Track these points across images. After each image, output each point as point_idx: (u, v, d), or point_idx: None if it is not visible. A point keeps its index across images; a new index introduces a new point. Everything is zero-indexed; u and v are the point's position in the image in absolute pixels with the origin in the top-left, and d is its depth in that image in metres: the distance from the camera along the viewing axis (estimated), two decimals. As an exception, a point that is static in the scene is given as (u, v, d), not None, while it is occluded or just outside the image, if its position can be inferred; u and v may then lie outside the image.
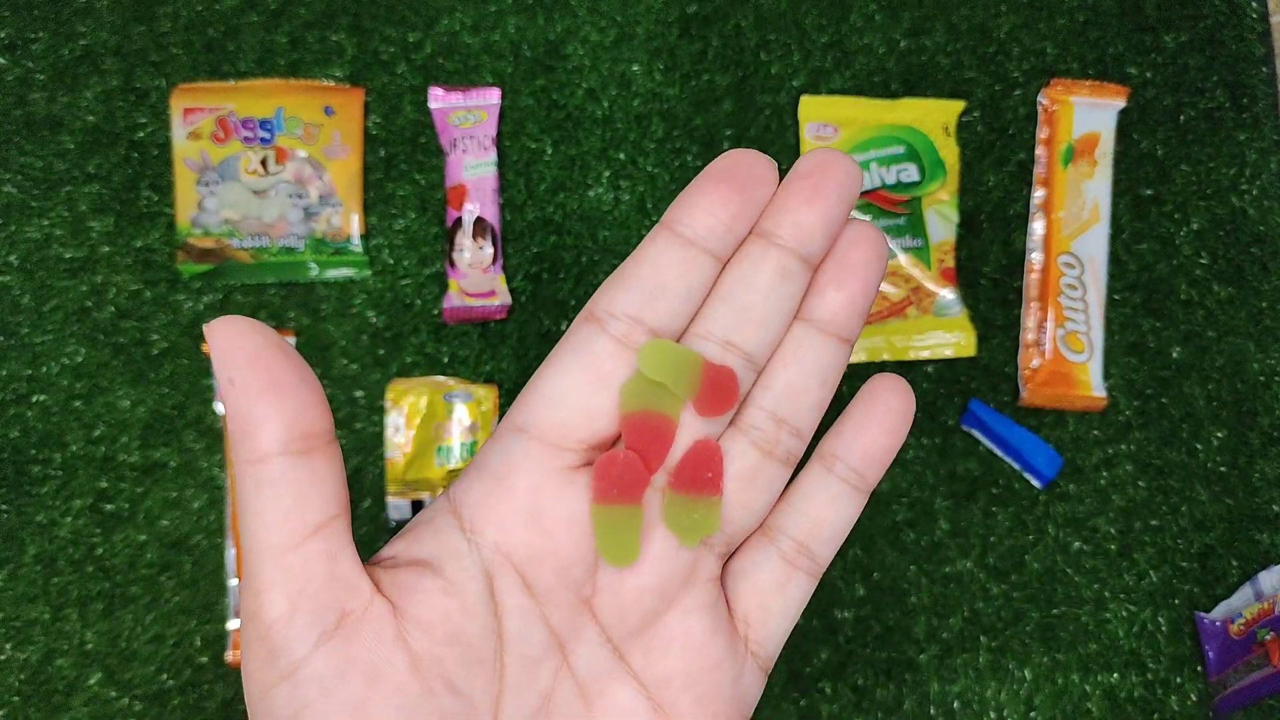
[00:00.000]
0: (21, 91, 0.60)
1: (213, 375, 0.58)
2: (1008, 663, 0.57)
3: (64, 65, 0.60)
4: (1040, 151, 0.62)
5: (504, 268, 0.59)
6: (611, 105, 0.61)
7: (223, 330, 0.20)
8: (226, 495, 0.57)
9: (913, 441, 0.59)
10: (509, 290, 0.59)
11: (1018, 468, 0.59)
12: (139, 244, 0.59)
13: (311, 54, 0.61)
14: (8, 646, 0.55)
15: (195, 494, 0.57)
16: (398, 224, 0.60)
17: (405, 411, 0.58)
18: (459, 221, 0.59)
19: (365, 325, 0.59)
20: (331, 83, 0.61)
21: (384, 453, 0.58)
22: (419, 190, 0.60)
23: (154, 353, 0.58)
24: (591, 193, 0.61)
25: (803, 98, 0.61)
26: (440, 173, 0.61)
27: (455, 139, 0.60)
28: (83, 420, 0.57)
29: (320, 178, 0.60)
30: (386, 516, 0.57)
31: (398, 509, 0.57)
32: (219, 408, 0.58)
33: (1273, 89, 0.63)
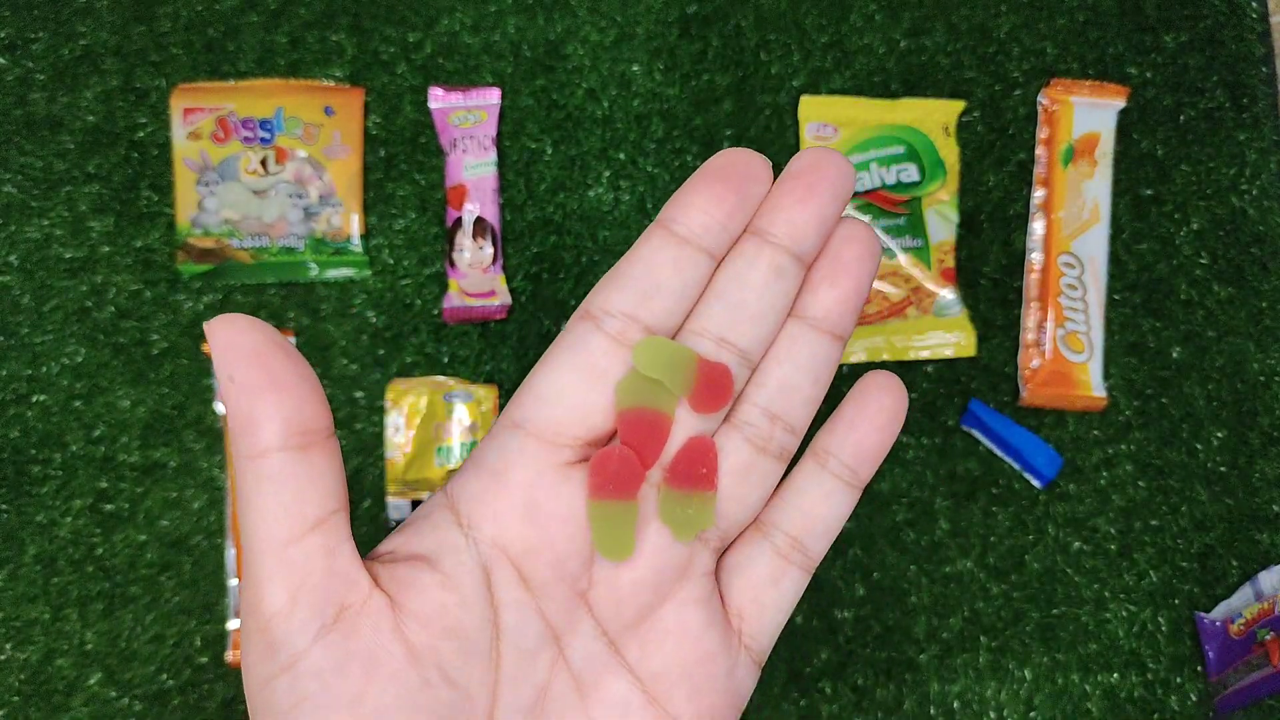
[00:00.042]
0: (21, 91, 0.60)
1: (213, 375, 0.58)
2: (1008, 663, 0.57)
3: (64, 65, 0.60)
4: (1040, 151, 0.62)
5: (504, 268, 0.59)
6: (611, 105, 0.61)
7: (222, 328, 0.20)
8: (226, 495, 0.57)
9: (913, 441, 0.59)
10: (509, 290, 0.59)
11: (1018, 468, 0.59)
12: (139, 244, 0.59)
13: (311, 54, 0.61)
14: (8, 646, 0.55)
15: (195, 494, 0.57)
16: (398, 224, 0.60)
17: (405, 411, 0.58)
18: (459, 221, 0.59)
19: (365, 325, 0.59)
20: (331, 83, 0.61)
21: (384, 453, 0.58)
22: (419, 190, 0.60)
23: (154, 353, 0.58)
24: (591, 193, 0.61)
25: (803, 98, 0.61)
26: (440, 173, 0.61)
27: (455, 139, 0.60)
28: (83, 420, 0.57)
29: (320, 178, 0.60)
30: (387, 517, 0.57)
31: (398, 509, 0.57)
32: (219, 408, 0.58)
33: (1273, 89, 0.63)
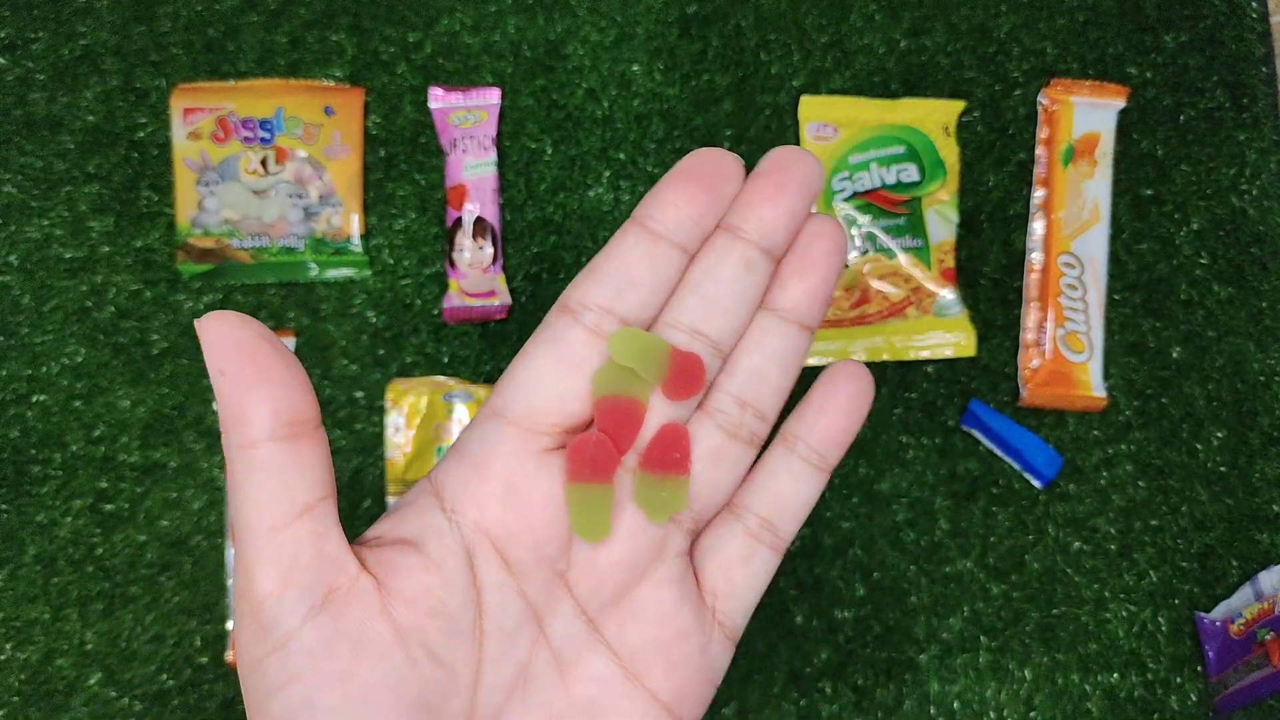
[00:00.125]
0: (21, 91, 0.60)
1: (214, 393, 0.58)
2: (1008, 663, 0.57)
3: (64, 65, 0.60)
4: (1040, 151, 0.62)
5: (504, 268, 0.59)
6: (611, 105, 0.61)
7: (212, 324, 0.21)
8: (226, 496, 0.57)
9: (913, 441, 0.59)
10: (509, 290, 0.59)
11: (1018, 468, 0.59)
12: (139, 244, 0.59)
13: (311, 54, 0.61)
14: (8, 646, 0.55)
15: (195, 494, 0.57)
16: (398, 224, 0.60)
17: (405, 411, 0.58)
18: (459, 221, 0.59)
19: (365, 325, 0.59)
20: (331, 83, 0.61)
21: (384, 453, 0.58)
22: (419, 190, 0.60)
23: (154, 353, 0.58)
24: (591, 193, 0.61)
25: (803, 98, 0.61)
26: (440, 173, 0.61)
27: (455, 139, 0.60)
28: (83, 420, 0.57)
29: (320, 178, 0.60)
30: (386, 516, 0.57)
31: (398, 509, 0.57)
32: (219, 408, 0.58)
33: (1273, 89, 0.63)
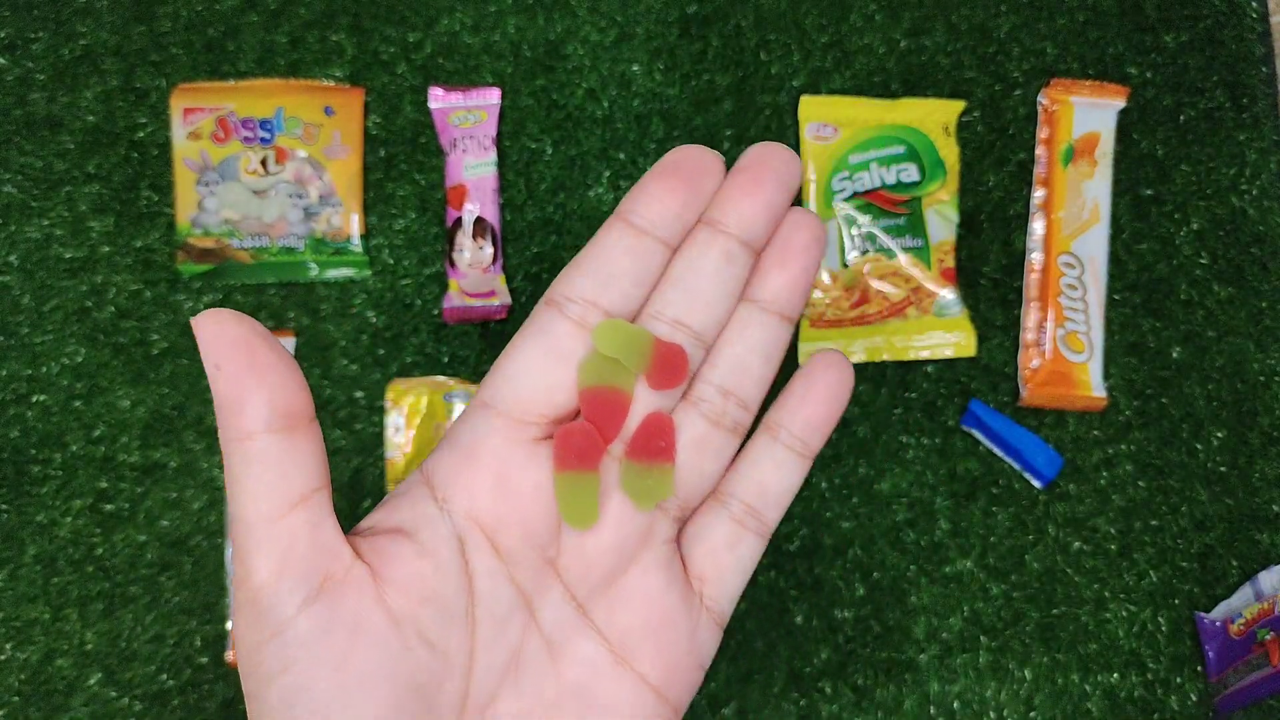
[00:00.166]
0: (21, 91, 0.60)
1: (210, 386, 0.58)
2: (1008, 663, 0.57)
3: (64, 65, 0.60)
4: (1040, 151, 0.62)
5: (504, 268, 0.59)
6: (611, 105, 0.61)
7: (208, 321, 0.22)
8: (226, 495, 0.57)
9: (913, 441, 0.59)
10: (509, 290, 0.59)
11: (1018, 468, 0.59)
12: (139, 244, 0.59)
13: (311, 54, 0.61)
14: (8, 646, 0.55)
15: (195, 494, 0.57)
16: (398, 224, 0.60)
17: (405, 411, 0.58)
18: (459, 221, 0.59)
19: (365, 325, 0.59)
20: (331, 83, 0.61)
21: (384, 453, 0.58)
22: (419, 190, 0.60)
23: (154, 353, 0.58)
24: (591, 193, 0.61)
25: (803, 98, 0.61)
26: (440, 173, 0.61)
27: (455, 139, 0.60)
28: (83, 420, 0.57)
29: (320, 178, 0.60)
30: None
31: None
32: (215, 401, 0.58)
33: (1273, 89, 0.63)
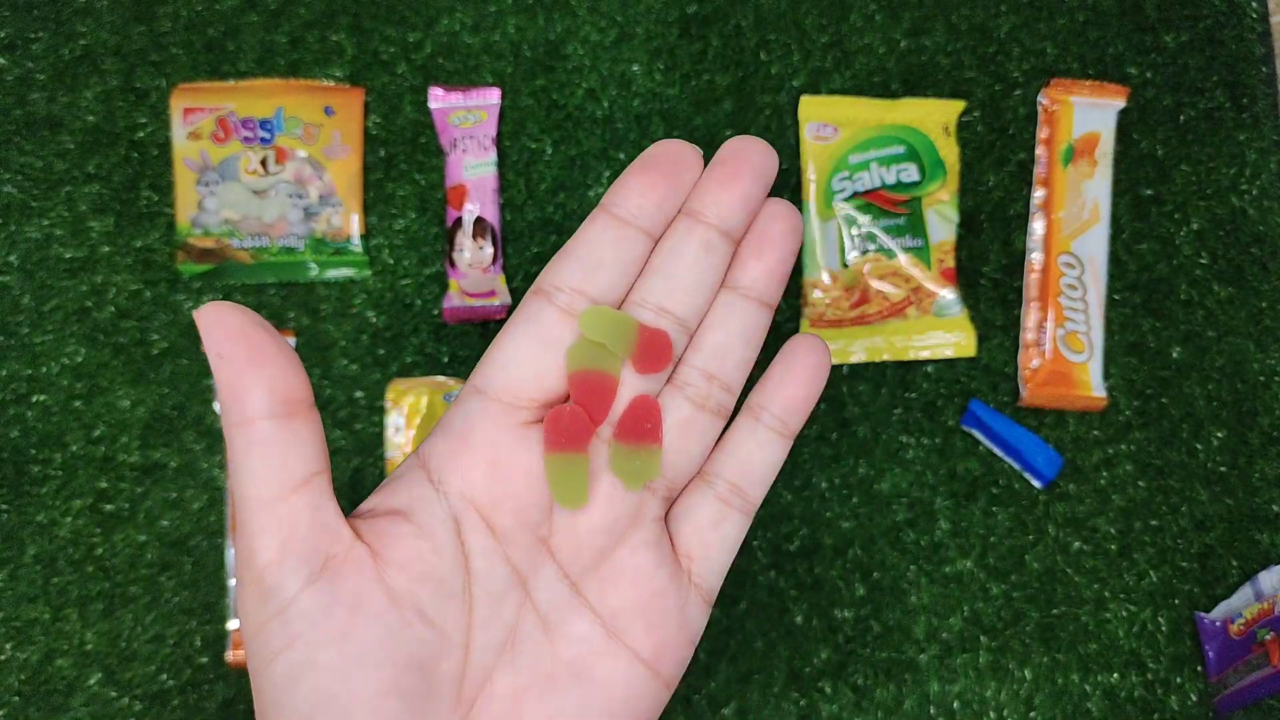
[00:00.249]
0: (21, 91, 0.60)
1: (213, 375, 0.58)
2: (1008, 663, 0.57)
3: (64, 65, 0.60)
4: (1040, 151, 0.62)
5: (504, 268, 0.59)
6: (611, 105, 0.61)
7: (210, 312, 0.23)
8: (227, 495, 0.57)
9: (913, 441, 0.59)
10: (509, 290, 0.59)
11: (1018, 468, 0.59)
12: (139, 244, 0.59)
13: (311, 54, 0.61)
14: (8, 646, 0.55)
15: (195, 494, 0.57)
16: (398, 224, 0.60)
17: (405, 411, 0.58)
18: (459, 221, 0.59)
19: (365, 325, 0.59)
20: (331, 83, 0.61)
21: (384, 453, 0.58)
22: (419, 190, 0.60)
23: (154, 353, 0.58)
24: (591, 193, 0.61)
25: (803, 98, 0.61)
26: (440, 173, 0.61)
27: (455, 139, 0.60)
28: (83, 420, 0.57)
29: (320, 178, 0.60)
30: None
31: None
32: (219, 408, 0.58)
33: (1273, 89, 0.63)
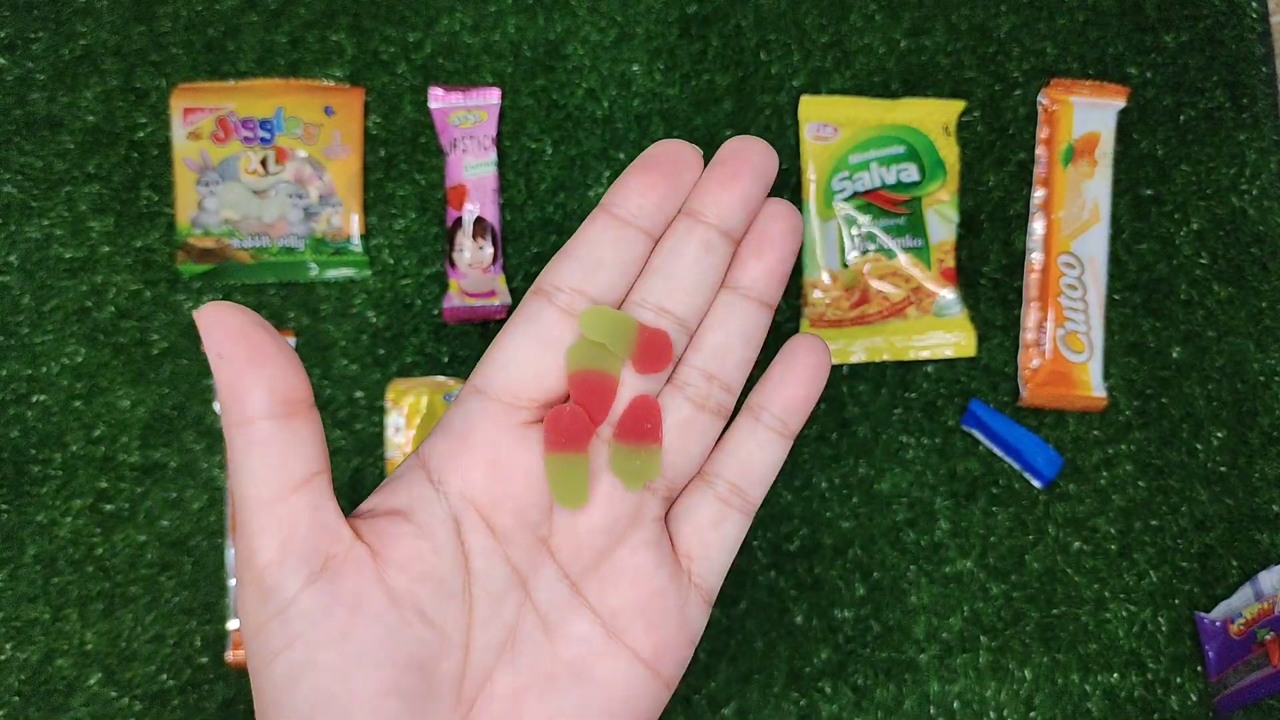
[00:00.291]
0: (21, 91, 0.60)
1: (213, 375, 0.58)
2: (1008, 663, 0.57)
3: (64, 65, 0.60)
4: (1040, 151, 0.62)
5: (504, 268, 0.59)
6: (611, 105, 0.61)
7: (210, 312, 0.23)
8: (227, 496, 0.57)
9: (913, 441, 0.59)
10: (509, 290, 0.59)
11: (1018, 468, 0.59)
12: (139, 244, 0.59)
13: (311, 54, 0.61)
14: (8, 646, 0.55)
15: (195, 494, 0.57)
16: (398, 224, 0.60)
17: (405, 411, 0.58)
18: (459, 221, 0.59)
19: (365, 325, 0.59)
20: (331, 83, 0.61)
21: (384, 453, 0.58)
22: (419, 190, 0.60)
23: (154, 353, 0.58)
24: (592, 193, 0.61)
25: (803, 98, 0.61)
26: (440, 173, 0.61)
27: (455, 139, 0.60)
28: (83, 420, 0.57)
29: (320, 178, 0.60)
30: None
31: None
32: (219, 408, 0.58)
33: (1273, 89, 0.63)
